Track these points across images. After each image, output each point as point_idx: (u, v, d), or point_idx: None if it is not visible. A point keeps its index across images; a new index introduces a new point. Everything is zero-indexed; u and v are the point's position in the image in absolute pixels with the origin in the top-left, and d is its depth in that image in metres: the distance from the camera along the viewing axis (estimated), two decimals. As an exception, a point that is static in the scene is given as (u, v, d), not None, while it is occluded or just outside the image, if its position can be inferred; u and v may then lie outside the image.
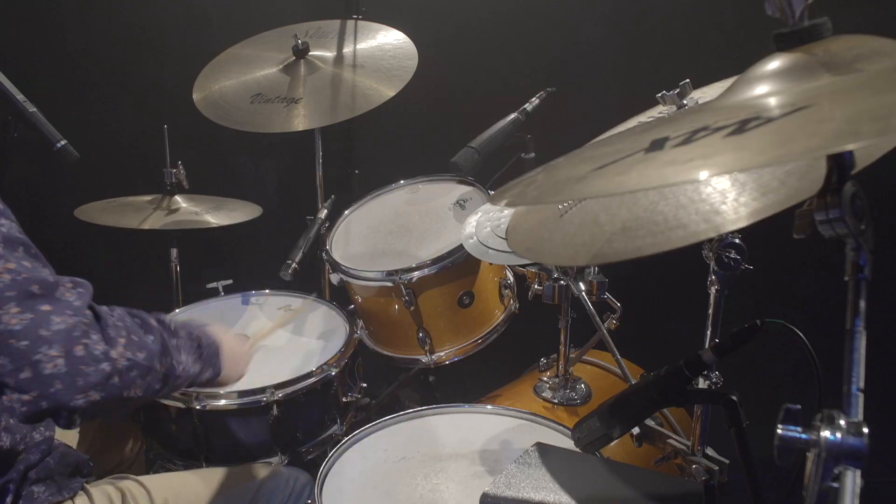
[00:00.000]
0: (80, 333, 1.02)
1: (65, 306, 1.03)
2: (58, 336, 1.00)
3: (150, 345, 1.14)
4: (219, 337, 1.41)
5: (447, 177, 2.19)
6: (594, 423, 1.17)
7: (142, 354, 1.11)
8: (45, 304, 1.01)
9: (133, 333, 1.12)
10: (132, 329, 1.13)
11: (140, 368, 1.10)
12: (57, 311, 1.02)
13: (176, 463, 1.87)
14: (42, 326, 0.99)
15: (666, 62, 2.50)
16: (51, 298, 1.03)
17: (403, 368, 2.33)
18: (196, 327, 1.35)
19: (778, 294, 2.28)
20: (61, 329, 1.00)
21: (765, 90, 0.79)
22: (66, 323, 1.01)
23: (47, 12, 2.70)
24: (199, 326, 1.38)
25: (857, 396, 0.71)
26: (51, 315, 1.01)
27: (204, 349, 1.33)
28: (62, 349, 0.99)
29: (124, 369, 1.06)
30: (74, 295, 1.06)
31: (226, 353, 1.41)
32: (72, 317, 1.02)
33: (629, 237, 1.02)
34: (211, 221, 2.26)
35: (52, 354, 0.99)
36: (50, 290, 1.03)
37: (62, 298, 1.04)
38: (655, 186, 0.96)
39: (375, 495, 1.37)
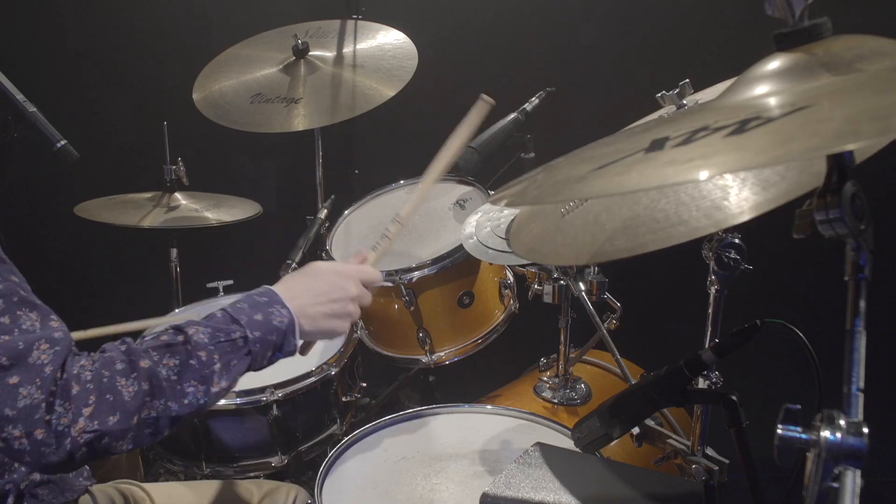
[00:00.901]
0: (42, 412, 0.97)
1: (35, 374, 0.98)
2: (21, 414, 0.97)
3: (128, 401, 1.03)
4: (293, 305, 1.19)
5: (447, 177, 2.19)
6: (594, 423, 1.17)
7: (114, 418, 1.01)
8: (13, 375, 0.97)
9: (107, 392, 1.02)
10: (107, 387, 1.02)
11: (112, 434, 1.01)
12: (25, 381, 0.97)
13: (175, 463, 1.87)
14: (7, 404, 0.96)
15: (666, 62, 2.50)
16: (20, 367, 0.97)
17: (403, 368, 2.33)
18: (247, 313, 1.15)
19: (778, 294, 2.28)
20: (26, 405, 0.97)
21: (765, 90, 0.79)
22: (31, 398, 0.97)
23: (47, 12, 2.70)
24: (258, 305, 1.17)
25: (857, 396, 0.71)
26: (18, 388, 0.97)
27: (245, 347, 1.13)
28: (24, 430, 0.97)
29: (90, 441, 1.00)
30: (49, 356, 1.00)
31: (305, 316, 1.20)
32: (38, 388, 0.98)
33: (630, 235, 1.03)
34: (211, 218, 2.26)
35: (16, 434, 0.97)
36: (20, 358, 0.98)
37: (34, 364, 0.99)
38: (656, 186, 0.96)
39: (375, 495, 1.37)
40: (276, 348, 1.17)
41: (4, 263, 1.04)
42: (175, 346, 1.09)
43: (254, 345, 1.13)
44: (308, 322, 1.20)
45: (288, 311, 1.18)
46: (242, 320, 1.14)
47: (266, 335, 1.14)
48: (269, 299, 1.19)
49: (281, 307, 1.18)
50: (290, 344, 1.18)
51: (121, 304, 1.91)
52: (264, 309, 1.17)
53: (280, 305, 1.18)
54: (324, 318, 1.22)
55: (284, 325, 1.17)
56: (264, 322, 1.15)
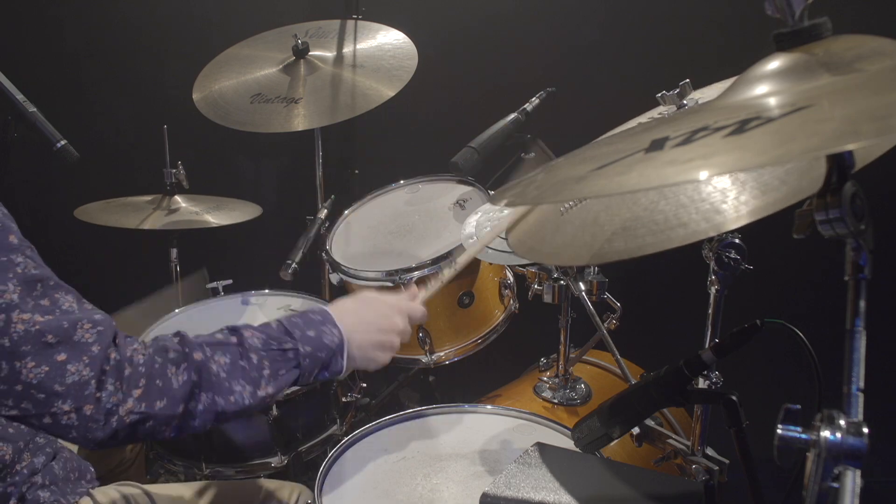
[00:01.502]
0: (92, 389, 1.00)
1: (81, 352, 1.01)
2: (70, 390, 0.99)
3: (176, 389, 1.06)
4: (345, 328, 1.23)
5: (447, 177, 2.19)
6: (594, 423, 1.17)
7: (161, 403, 1.05)
8: (60, 352, 1.00)
9: (158, 378, 1.05)
10: (157, 373, 1.06)
11: (157, 419, 1.05)
12: (73, 359, 1.00)
13: (176, 463, 1.87)
14: (56, 380, 0.99)
15: (666, 62, 2.50)
16: (67, 345, 1.01)
17: (403, 368, 2.34)
18: (301, 328, 1.19)
19: (778, 294, 2.28)
20: (74, 382, 0.99)
21: (765, 90, 0.79)
22: (80, 375, 1.00)
23: (47, 12, 2.70)
24: (312, 323, 1.21)
25: (857, 396, 0.71)
26: (66, 365, 0.99)
27: (295, 360, 1.17)
28: (73, 405, 0.99)
29: (135, 422, 1.03)
30: (94, 336, 1.03)
31: (357, 341, 1.24)
32: (86, 366, 1.00)
33: (630, 236, 1.02)
34: (211, 221, 2.26)
35: (65, 409, 0.99)
36: (66, 336, 1.01)
37: (80, 342, 1.02)
38: (655, 186, 0.96)
39: (375, 495, 1.37)
40: (324, 366, 1.21)
41: (34, 251, 1.07)
42: (228, 346, 1.14)
43: (304, 359, 1.17)
44: (356, 348, 1.25)
45: (339, 331, 1.22)
46: (296, 334, 1.18)
47: (316, 351, 1.19)
48: (322, 318, 1.23)
49: (333, 327, 1.23)
50: (338, 364, 1.22)
51: (120, 305, 1.91)
52: (318, 327, 1.21)
53: (332, 325, 1.23)
54: (371, 346, 1.27)
55: (335, 344, 1.21)
56: (316, 338, 1.20)
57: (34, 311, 1.00)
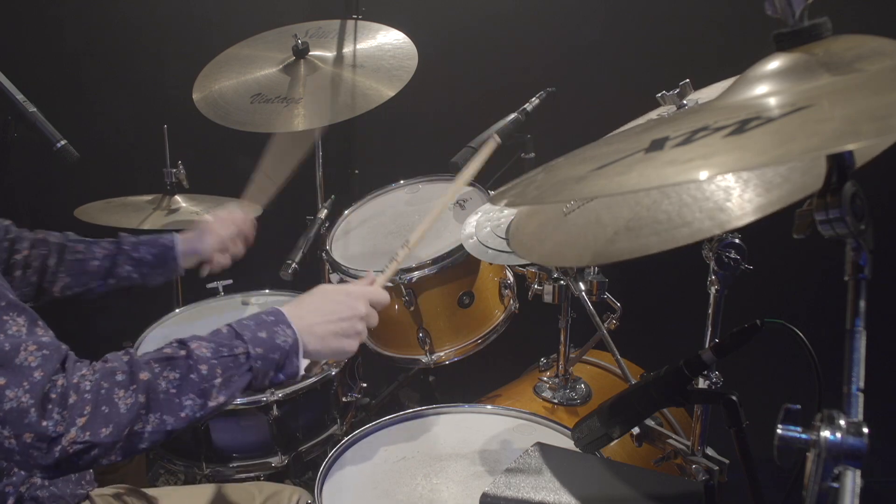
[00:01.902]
0: (32, 417, 0.97)
1: (22, 377, 0.98)
2: (9, 417, 0.97)
3: (123, 414, 1.02)
4: (299, 325, 1.20)
5: (447, 177, 2.19)
6: (594, 423, 1.17)
7: (106, 430, 1.01)
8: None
9: (104, 404, 1.02)
10: (104, 399, 1.02)
11: (102, 447, 1.01)
12: (12, 384, 0.97)
13: (176, 463, 1.87)
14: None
15: (666, 62, 2.50)
16: (6, 369, 0.98)
17: (403, 368, 2.34)
18: (252, 330, 1.16)
19: (778, 294, 2.28)
20: (12, 408, 0.97)
21: (765, 90, 0.79)
22: (19, 401, 0.97)
23: (47, 12, 2.70)
24: (263, 324, 1.18)
25: (857, 396, 0.71)
26: (4, 390, 0.97)
27: (247, 363, 1.14)
28: (12, 431, 0.97)
29: (79, 452, 0.99)
30: (38, 360, 1.00)
31: (312, 335, 1.21)
32: (26, 392, 0.97)
33: (633, 236, 1.02)
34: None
35: (5, 434, 0.97)
36: (7, 360, 0.98)
37: (22, 366, 0.98)
38: (655, 186, 0.96)
39: (375, 495, 1.37)
40: (278, 368, 1.17)
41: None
42: (177, 360, 1.10)
43: (255, 361, 1.14)
44: (316, 340, 1.22)
45: (293, 331, 1.19)
46: (246, 336, 1.15)
47: (268, 353, 1.15)
48: (275, 318, 1.20)
49: (286, 327, 1.19)
50: (293, 365, 1.19)
51: (120, 305, 1.91)
52: (269, 328, 1.18)
53: (285, 325, 1.19)
54: (332, 336, 1.24)
55: (288, 344, 1.18)
56: (268, 340, 1.16)
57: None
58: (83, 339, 1.72)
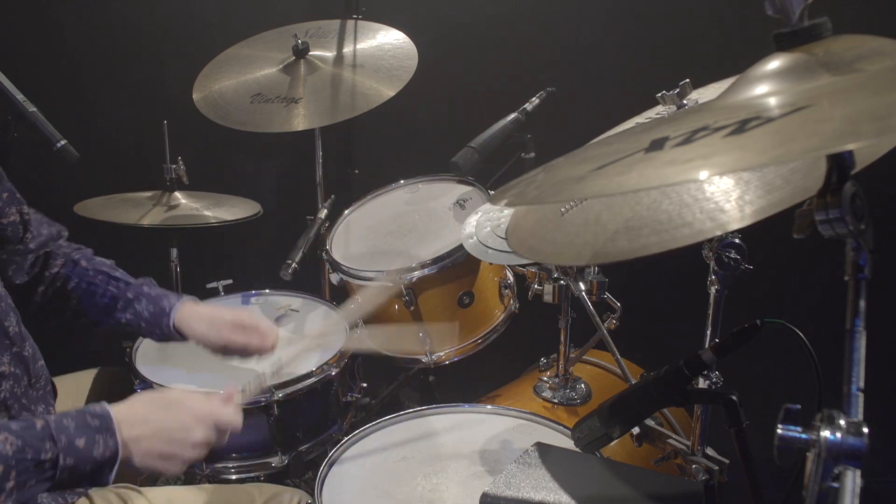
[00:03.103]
0: None
1: None
2: None
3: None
4: (126, 438, 1.12)
5: (447, 177, 2.19)
6: (594, 423, 1.17)
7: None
8: None
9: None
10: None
11: None
12: None
13: (176, 463, 1.86)
14: None
15: (666, 62, 2.50)
16: None
17: (403, 368, 2.33)
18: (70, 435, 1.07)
19: (778, 294, 2.28)
20: None
21: (765, 90, 0.79)
22: None
23: (47, 12, 2.70)
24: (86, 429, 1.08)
25: (857, 396, 0.71)
26: None
27: (51, 470, 1.05)
28: None
29: None
30: None
31: (136, 449, 1.14)
32: None
33: (633, 236, 1.02)
34: (211, 217, 2.25)
35: None
36: None
37: None
38: (655, 186, 0.96)
39: (375, 495, 1.37)
40: (86, 478, 1.10)
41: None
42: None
43: (62, 472, 1.06)
44: (139, 456, 1.15)
45: (116, 444, 1.11)
46: (61, 442, 1.06)
47: (79, 464, 1.08)
48: (100, 424, 1.11)
49: (110, 437, 1.11)
50: (104, 478, 1.11)
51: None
52: (91, 435, 1.09)
53: (110, 435, 1.11)
54: (157, 456, 1.18)
55: (105, 458, 1.10)
56: (85, 450, 1.08)
57: None
58: (83, 339, 1.72)
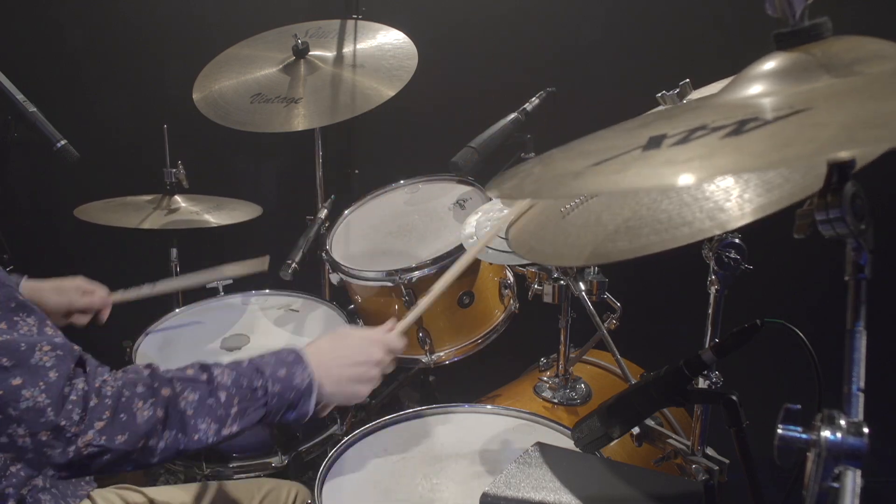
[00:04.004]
0: (49, 416, 0.98)
1: (38, 377, 0.99)
2: (24, 416, 0.98)
3: (140, 424, 1.04)
4: (317, 368, 1.22)
5: (447, 177, 2.19)
6: (594, 423, 1.17)
7: (122, 438, 1.02)
8: (15, 376, 0.98)
9: (123, 412, 1.03)
10: (123, 406, 1.04)
11: (115, 453, 1.02)
12: (28, 384, 0.98)
13: (176, 463, 1.86)
14: (10, 405, 0.97)
15: (666, 62, 2.49)
16: (23, 369, 0.98)
17: (403, 368, 2.33)
18: (272, 367, 1.18)
19: (778, 294, 2.28)
20: (28, 408, 0.98)
21: (764, 90, 0.79)
22: (35, 401, 0.98)
23: (47, 12, 2.70)
24: (283, 362, 1.20)
25: (857, 396, 0.71)
26: (21, 390, 0.98)
27: (263, 398, 1.16)
28: (27, 430, 0.98)
29: (93, 455, 1.01)
30: (52, 360, 1.01)
31: (328, 378, 1.24)
32: (42, 392, 0.98)
33: (633, 235, 1.02)
34: (211, 221, 2.25)
35: (20, 433, 0.98)
36: (23, 360, 0.99)
37: (37, 366, 0.99)
38: (653, 187, 0.96)
39: (375, 495, 1.37)
40: (291, 407, 1.20)
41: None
42: (198, 383, 1.13)
43: (271, 398, 1.17)
44: (331, 384, 1.25)
45: (310, 374, 1.21)
46: (266, 372, 1.18)
47: (284, 392, 1.18)
48: (294, 358, 1.22)
49: (304, 368, 1.22)
50: (305, 406, 1.21)
51: (121, 305, 1.90)
52: (289, 367, 1.20)
53: (304, 366, 1.22)
54: (347, 381, 1.27)
55: (303, 386, 1.20)
56: (286, 379, 1.19)
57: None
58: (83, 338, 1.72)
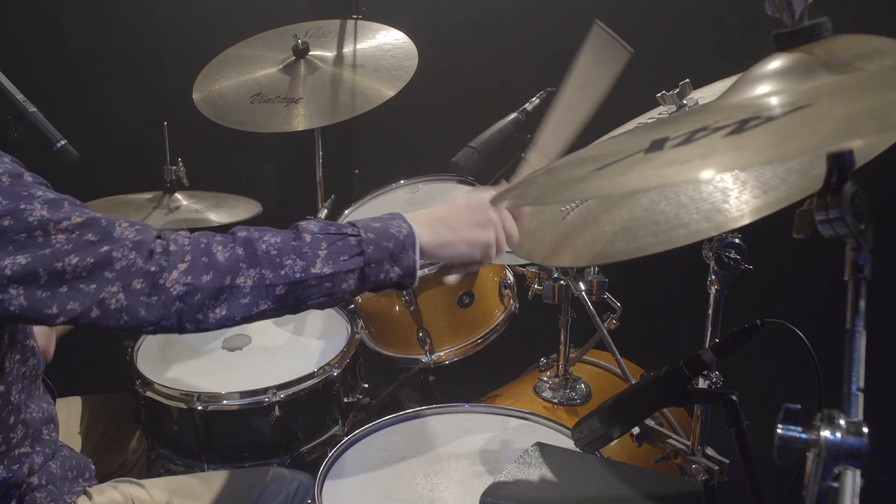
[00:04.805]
0: (139, 265, 1.04)
1: (123, 241, 1.05)
2: (119, 274, 1.03)
3: (222, 262, 1.06)
4: (417, 222, 1.18)
5: (447, 177, 2.19)
6: (594, 423, 1.17)
7: (207, 276, 1.05)
8: (103, 245, 1.03)
9: (203, 255, 1.07)
10: (203, 250, 1.07)
11: (204, 291, 1.05)
12: (117, 248, 1.04)
13: (177, 463, 1.87)
14: (105, 268, 1.03)
15: (666, 62, 2.49)
16: (108, 240, 1.04)
17: (403, 368, 2.33)
18: (365, 222, 1.16)
19: (778, 294, 2.28)
20: (122, 267, 1.03)
21: (765, 90, 0.79)
22: (127, 259, 1.03)
23: (47, 12, 2.70)
24: (378, 218, 1.18)
25: (857, 396, 0.71)
26: (111, 253, 1.03)
27: (358, 246, 1.12)
28: (121, 285, 1.03)
29: (183, 295, 1.04)
30: (133, 232, 1.06)
31: (440, 225, 1.19)
32: (131, 250, 1.04)
33: (631, 237, 1.03)
34: (212, 219, 2.25)
35: (113, 291, 1.03)
36: (106, 233, 1.05)
37: (120, 237, 1.05)
38: (654, 186, 0.96)
39: (375, 495, 1.37)
40: (393, 259, 1.14)
41: (49, 187, 1.10)
42: (280, 231, 1.13)
43: (367, 246, 1.12)
44: (447, 231, 1.19)
45: (409, 225, 1.17)
46: (359, 223, 1.15)
47: (381, 240, 1.13)
48: (391, 216, 1.20)
49: (402, 222, 1.18)
50: (409, 259, 1.15)
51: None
52: (384, 220, 1.17)
53: (401, 220, 1.18)
54: (464, 226, 1.20)
55: (403, 234, 1.15)
56: (381, 229, 1.15)
57: (69, 217, 1.03)
58: (83, 338, 1.72)
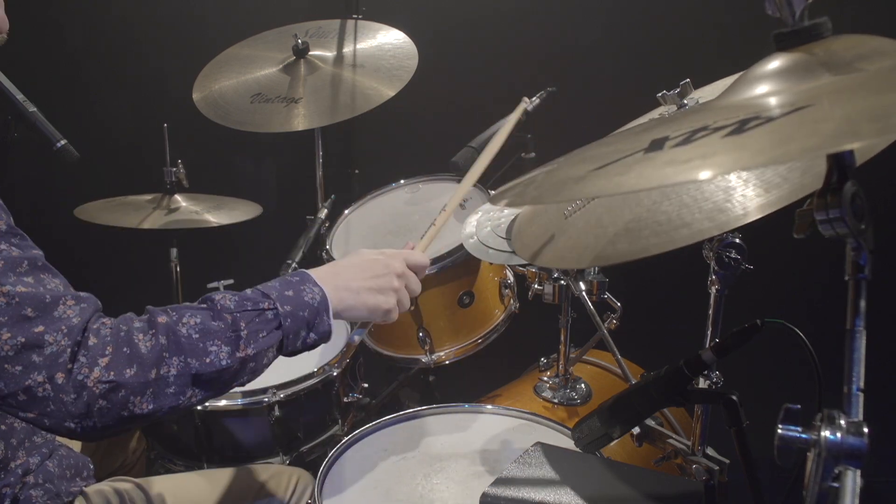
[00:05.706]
0: (66, 358, 0.98)
1: (60, 324, 0.99)
2: (47, 361, 0.98)
3: (145, 354, 1.02)
4: (327, 284, 1.18)
5: (447, 177, 2.19)
6: (594, 423, 1.17)
7: (131, 371, 1.00)
8: (38, 325, 0.98)
9: (124, 345, 1.01)
10: (124, 340, 1.02)
11: (129, 387, 1.00)
12: (50, 331, 0.98)
13: (177, 463, 1.87)
14: (34, 351, 0.97)
15: (666, 62, 2.49)
16: (46, 318, 0.99)
17: (403, 368, 2.33)
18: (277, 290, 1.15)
19: (778, 294, 2.28)
20: (52, 353, 0.98)
21: (765, 90, 0.79)
22: (58, 345, 0.98)
23: (47, 12, 2.70)
24: (288, 284, 1.17)
25: (857, 396, 0.71)
26: (44, 336, 0.98)
27: (275, 320, 1.12)
28: (46, 375, 0.97)
29: (106, 392, 0.99)
30: (76, 311, 1.01)
31: (346, 290, 1.20)
32: (65, 336, 0.99)
33: (633, 237, 1.03)
34: (211, 220, 2.25)
35: (39, 380, 0.97)
36: (46, 311, 0.99)
37: (60, 317, 1.00)
38: (654, 186, 0.96)
39: (375, 495, 1.37)
40: (309, 327, 1.15)
41: (25, 240, 1.06)
42: (197, 309, 1.10)
43: (285, 319, 1.12)
44: (350, 296, 1.21)
45: (320, 289, 1.17)
46: (273, 295, 1.14)
47: (297, 310, 1.14)
48: (300, 279, 1.19)
49: (312, 285, 1.17)
50: (324, 323, 1.17)
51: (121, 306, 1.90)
52: (296, 287, 1.17)
53: (312, 284, 1.18)
54: (366, 291, 1.23)
55: (316, 301, 1.16)
56: (295, 297, 1.15)
57: (15, 285, 0.98)
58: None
